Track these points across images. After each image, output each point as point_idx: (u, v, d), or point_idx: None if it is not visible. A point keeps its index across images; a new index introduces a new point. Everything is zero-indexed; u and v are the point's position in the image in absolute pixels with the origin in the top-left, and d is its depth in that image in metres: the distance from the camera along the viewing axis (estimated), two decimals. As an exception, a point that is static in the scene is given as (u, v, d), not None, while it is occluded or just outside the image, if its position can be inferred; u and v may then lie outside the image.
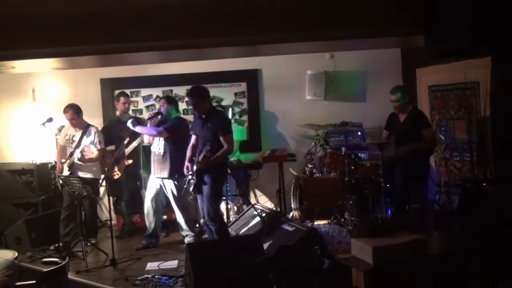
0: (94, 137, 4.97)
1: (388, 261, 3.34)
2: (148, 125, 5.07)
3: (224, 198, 4.76)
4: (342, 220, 4.93)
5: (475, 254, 3.38)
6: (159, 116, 5.08)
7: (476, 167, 4.88)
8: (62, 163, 5.11)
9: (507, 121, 4.38)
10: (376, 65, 6.10)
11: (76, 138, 5.09)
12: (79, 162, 5.00)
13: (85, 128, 5.12)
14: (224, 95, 6.11)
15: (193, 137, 4.58)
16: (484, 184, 4.48)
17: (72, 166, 5.00)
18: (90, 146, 4.97)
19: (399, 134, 4.84)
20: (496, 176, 4.53)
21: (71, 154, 5.00)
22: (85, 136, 5.02)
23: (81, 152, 4.93)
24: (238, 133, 6.00)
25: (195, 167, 4.33)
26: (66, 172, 5.03)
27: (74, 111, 5.06)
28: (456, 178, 5.14)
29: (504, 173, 4.44)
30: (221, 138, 4.28)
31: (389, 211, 4.70)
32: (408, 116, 4.84)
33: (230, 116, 5.72)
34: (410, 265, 3.32)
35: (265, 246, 4.01)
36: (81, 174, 4.95)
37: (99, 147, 5.00)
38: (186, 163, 4.48)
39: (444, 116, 5.46)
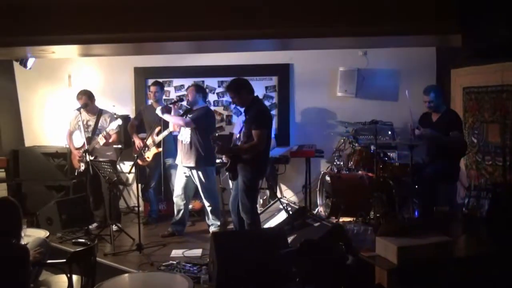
0: (116, 122, 5.04)
1: (413, 261, 3.34)
2: (172, 111, 5.12)
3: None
4: (368, 218, 4.90)
5: (501, 259, 3.37)
6: (183, 103, 5.14)
7: (508, 172, 4.85)
8: (78, 149, 5.23)
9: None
10: (409, 64, 6.04)
11: (91, 123, 5.17)
12: (102, 147, 5.12)
13: (98, 113, 5.20)
14: (255, 88, 6.11)
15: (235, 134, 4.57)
16: None
17: (93, 151, 5.10)
18: (111, 131, 5.09)
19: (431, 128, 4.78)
20: None
21: (89, 139, 5.09)
22: (102, 121, 5.13)
23: (104, 136, 5.01)
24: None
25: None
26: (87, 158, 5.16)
27: (87, 97, 5.18)
28: (487, 182, 5.08)
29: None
30: (252, 132, 4.22)
31: (416, 212, 4.67)
32: (442, 116, 4.82)
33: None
34: (435, 266, 3.31)
35: (290, 239, 4.03)
36: (100, 159, 5.04)
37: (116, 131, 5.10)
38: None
39: (477, 119, 5.39)
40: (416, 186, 4.69)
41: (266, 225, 4.84)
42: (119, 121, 5.13)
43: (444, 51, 5.75)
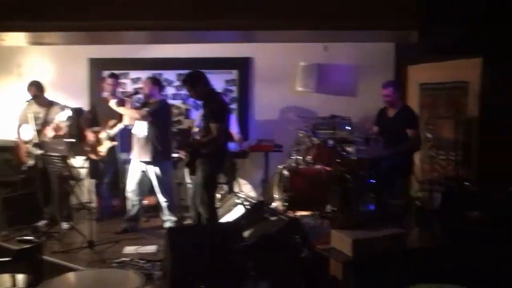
0: (65, 113, 4.88)
1: (367, 254, 3.41)
2: (128, 104, 5.03)
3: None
4: (325, 212, 4.90)
5: (452, 251, 3.48)
6: (139, 96, 5.02)
7: (460, 166, 5.00)
8: (27, 143, 5.03)
9: (493, 122, 4.47)
10: (368, 60, 6.11)
11: (41, 115, 4.98)
12: (54, 140, 4.95)
13: (48, 105, 5.03)
14: (214, 82, 6.01)
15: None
16: (467, 183, 4.56)
17: (43, 145, 4.89)
18: (62, 122, 4.91)
19: (387, 129, 4.87)
20: (479, 176, 4.64)
21: (39, 132, 4.89)
22: (52, 113, 4.95)
23: (54, 128, 4.86)
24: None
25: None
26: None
27: (37, 88, 4.98)
28: (440, 176, 5.20)
29: (487, 173, 4.54)
30: (211, 125, 4.18)
31: (372, 206, 4.72)
32: (398, 112, 4.86)
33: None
34: (389, 258, 3.40)
35: (246, 234, 3.98)
36: (51, 153, 4.84)
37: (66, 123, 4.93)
38: None
39: (433, 115, 5.49)
40: (373, 180, 4.75)
41: (223, 220, 4.76)
42: (69, 112, 4.96)
43: (403, 48, 5.83)
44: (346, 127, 5.64)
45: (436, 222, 4.46)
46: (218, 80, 6.03)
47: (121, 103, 4.93)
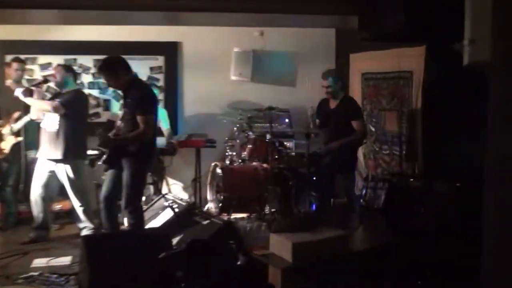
0: None
1: (308, 258, 3.41)
2: (35, 95, 4.81)
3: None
4: (262, 213, 4.97)
5: (396, 250, 3.62)
6: (50, 84, 4.89)
7: (404, 161, 5.09)
8: None
9: (437, 114, 4.58)
10: (308, 47, 6.21)
11: None
12: None
13: None
14: (138, 69, 5.82)
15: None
16: (412, 179, 4.60)
17: None
18: None
19: (329, 122, 4.94)
20: (423, 171, 4.72)
21: None
22: None
23: None
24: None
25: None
26: None
27: None
28: (384, 172, 5.30)
29: (431, 168, 4.66)
30: (137, 118, 4.05)
31: (314, 206, 4.79)
32: (340, 103, 4.93)
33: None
34: (331, 261, 3.42)
35: (175, 240, 3.95)
36: None
37: None
38: None
39: (375, 106, 5.58)
40: (314, 178, 4.81)
41: (150, 225, 4.66)
42: None
43: (343, 35, 5.97)
44: (285, 120, 5.73)
45: (380, 220, 4.60)
46: (141, 67, 5.91)
47: (28, 92, 4.73)
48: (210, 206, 5.30)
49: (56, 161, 4.74)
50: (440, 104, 4.56)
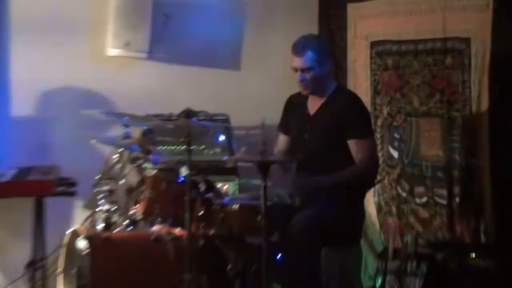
0: None
1: None
2: None
3: None
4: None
5: None
6: None
7: (458, 218, 4.74)
8: None
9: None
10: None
11: None
12: None
13: None
14: None
15: None
16: (474, 255, 4.49)
17: None
18: None
19: (305, 141, 4.55)
20: (497, 238, 4.51)
21: None
22: None
23: None
24: None
25: None
26: None
27: None
28: (419, 241, 4.92)
29: (510, 233, 4.47)
30: None
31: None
32: (327, 103, 4.48)
33: None
34: None
35: None
36: None
37: None
38: None
39: (399, 109, 5.23)
40: (278, 257, 4.32)
41: None
42: None
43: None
44: (219, 137, 5.39)
45: None
46: None
47: None
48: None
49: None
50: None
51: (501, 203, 4.51)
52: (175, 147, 5.11)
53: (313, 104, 4.43)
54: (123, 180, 4.85)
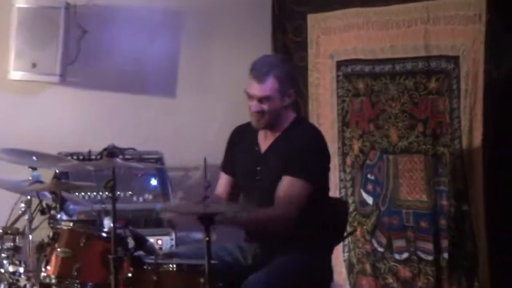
0: None
1: None
2: None
3: None
4: None
5: None
6: None
7: (448, 277, 4.79)
8: None
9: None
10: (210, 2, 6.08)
11: None
12: None
13: None
14: None
15: None
16: None
17: None
18: None
19: (258, 183, 4.51)
20: None
21: None
22: None
23: None
24: None
25: None
26: None
27: None
28: None
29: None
30: None
31: None
32: (281, 139, 4.48)
33: None
34: None
35: None
36: None
37: None
38: None
39: (374, 144, 5.25)
40: None
41: None
42: None
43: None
44: (152, 181, 5.44)
45: None
46: None
47: None
48: None
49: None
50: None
51: (498, 259, 4.48)
52: (95, 193, 5.07)
53: (265, 139, 4.41)
54: (31, 235, 4.75)
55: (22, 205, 4.85)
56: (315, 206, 4.35)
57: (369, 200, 5.21)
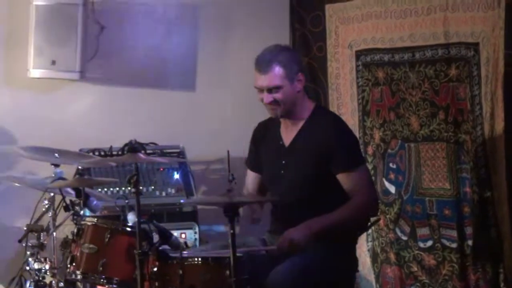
0: None
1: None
2: None
3: None
4: None
5: None
6: None
7: (472, 264, 4.73)
8: None
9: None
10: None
11: None
12: None
13: None
14: None
15: None
16: None
17: None
18: None
19: (283, 178, 4.47)
20: None
21: None
22: None
23: None
24: None
25: None
26: None
27: None
28: None
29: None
30: None
31: None
32: (305, 130, 4.45)
33: None
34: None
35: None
36: None
37: None
38: None
39: (395, 133, 5.23)
40: None
41: None
42: None
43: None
44: (175, 176, 5.38)
45: None
46: None
47: None
48: None
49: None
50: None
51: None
52: (118, 189, 5.09)
53: (288, 132, 4.40)
54: (55, 232, 4.79)
55: (46, 202, 4.90)
56: (343, 194, 4.32)
57: (392, 189, 5.22)
